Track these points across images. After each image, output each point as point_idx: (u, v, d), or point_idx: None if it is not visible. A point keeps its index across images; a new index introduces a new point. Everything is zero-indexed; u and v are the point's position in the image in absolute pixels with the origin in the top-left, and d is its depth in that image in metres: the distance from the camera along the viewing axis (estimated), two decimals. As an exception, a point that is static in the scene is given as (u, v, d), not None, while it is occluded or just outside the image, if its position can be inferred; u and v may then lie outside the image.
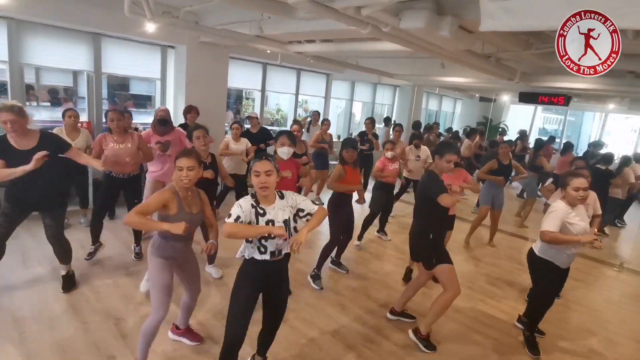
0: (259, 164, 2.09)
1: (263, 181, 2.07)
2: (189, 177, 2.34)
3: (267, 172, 2.08)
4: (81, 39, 5.37)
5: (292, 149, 3.47)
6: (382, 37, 3.80)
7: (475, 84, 8.37)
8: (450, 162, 2.94)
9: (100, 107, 5.79)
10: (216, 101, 6.60)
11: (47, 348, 2.69)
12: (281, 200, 2.20)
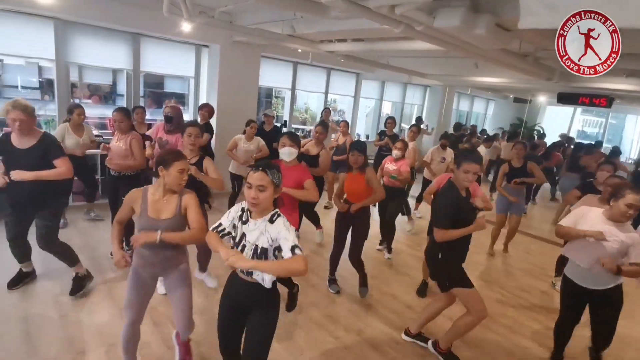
0: (253, 175, 1.79)
1: (253, 196, 1.78)
2: (187, 179, 2.27)
3: (260, 186, 1.77)
4: (122, 39, 5.61)
5: (295, 149, 3.07)
6: (415, 36, 3.75)
7: (510, 84, 8.11)
8: (468, 172, 2.58)
9: (138, 104, 6.01)
10: (247, 99, 6.72)
11: (87, 331, 2.85)
12: (269, 223, 1.83)
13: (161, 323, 3.03)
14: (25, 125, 2.80)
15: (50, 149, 2.92)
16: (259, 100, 10.20)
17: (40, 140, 2.90)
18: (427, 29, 3.43)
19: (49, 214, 3.09)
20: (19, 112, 2.75)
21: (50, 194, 3.02)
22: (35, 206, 3.04)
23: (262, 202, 1.79)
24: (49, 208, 3.08)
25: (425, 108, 11.28)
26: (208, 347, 2.79)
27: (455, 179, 2.69)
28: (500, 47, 4.09)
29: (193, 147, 3.15)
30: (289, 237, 1.76)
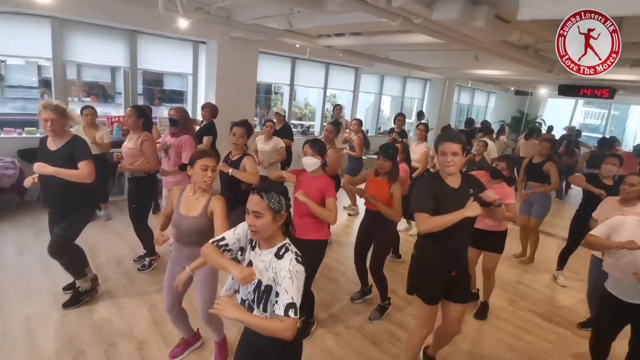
0: (250, 199, 1.58)
1: (249, 222, 1.58)
2: (212, 177, 2.28)
3: (255, 212, 1.55)
4: (119, 36, 5.57)
5: (317, 159, 2.76)
6: (414, 29, 3.71)
7: (511, 76, 8.04)
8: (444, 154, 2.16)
9: (136, 102, 5.99)
10: (246, 96, 6.69)
11: (85, 329, 2.84)
12: (276, 259, 1.57)
13: (160, 322, 3.02)
14: (56, 125, 2.77)
15: (75, 150, 2.83)
16: (259, 96, 10.17)
17: (68, 141, 2.86)
18: (426, 21, 3.39)
19: (64, 221, 2.95)
20: (50, 111, 2.74)
21: (69, 199, 2.92)
22: (56, 210, 2.98)
23: (261, 231, 1.56)
24: (67, 214, 2.96)
25: (425, 102, 11.21)
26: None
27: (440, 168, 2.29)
28: (500, 39, 4.04)
29: (236, 146, 3.27)
30: (289, 289, 1.49)
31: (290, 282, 1.49)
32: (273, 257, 1.58)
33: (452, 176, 2.21)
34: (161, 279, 3.55)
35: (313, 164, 2.76)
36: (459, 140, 2.15)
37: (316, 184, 2.76)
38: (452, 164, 2.14)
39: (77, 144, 2.87)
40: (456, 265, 2.32)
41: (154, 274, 3.74)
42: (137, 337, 2.83)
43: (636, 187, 2.95)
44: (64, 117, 2.82)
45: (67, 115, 2.85)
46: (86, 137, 4.32)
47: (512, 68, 6.92)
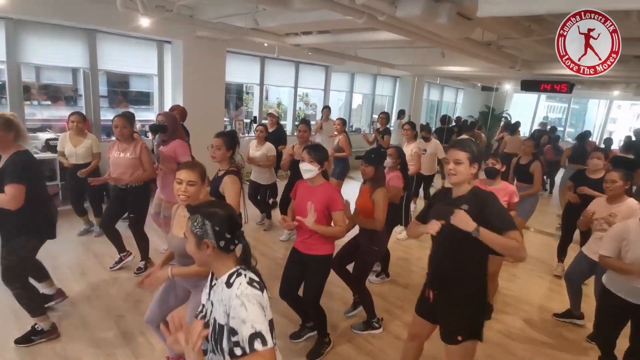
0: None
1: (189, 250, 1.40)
2: (187, 192, 2.03)
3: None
4: (76, 36, 5.33)
5: (315, 166, 2.53)
6: (379, 26, 3.73)
7: (476, 72, 8.26)
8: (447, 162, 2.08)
9: (97, 105, 5.77)
10: (215, 96, 6.56)
11: (47, 346, 2.70)
12: (226, 287, 1.35)
13: (129, 333, 2.91)
14: None
15: (5, 169, 2.41)
16: (230, 96, 10.00)
17: (7, 160, 2.44)
18: (390, 18, 3.42)
19: (5, 249, 2.60)
20: None
21: (4, 225, 2.55)
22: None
23: (193, 256, 1.38)
24: (3, 241, 2.61)
25: (396, 99, 11.36)
26: None
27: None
28: (463, 36, 4.12)
29: (213, 159, 2.86)
30: (246, 318, 1.24)
31: (243, 309, 1.25)
32: (224, 287, 1.36)
33: (458, 187, 2.00)
34: (130, 291, 3.47)
35: (309, 171, 2.54)
36: (464, 149, 1.95)
37: (318, 196, 2.52)
38: (453, 172, 1.95)
39: (9, 162, 2.42)
40: (434, 285, 2.07)
41: (123, 286, 3.59)
42: (105, 350, 2.72)
43: (618, 183, 2.97)
44: (7, 130, 2.42)
45: (13, 128, 2.44)
46: (72, 146, 4.17)
47: (477, 64, 7.10)
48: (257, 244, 4.70)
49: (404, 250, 4.87)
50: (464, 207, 1.89)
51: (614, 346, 2.66)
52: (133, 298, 3.35)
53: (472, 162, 1.95)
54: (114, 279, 3.64)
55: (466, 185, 1.98)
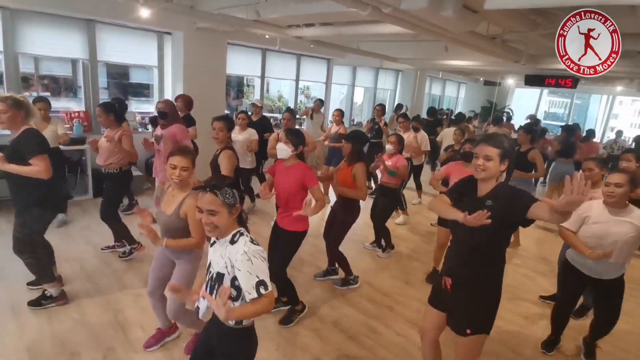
0: (202, 198, 1.56)
1: (205, 221, 1.56)
2: (180, 177, 2.23)
3: (210, 211, 1.55)
4: (75, 26, 5.26)
5: (289, 147, 2.78)
6: (383, 19, 3.66)
7: (479, 67, 8.18)
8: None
9: (97, 96, 5.70)
10: (215, 89, 6.49)
11: (46, 340, 2.68)
12: (230, 245, 1.59)
13: (128, 327, 2.89)
14: (3, 117, 2.60)
15: (23, 145, 2.64)
16: (230, 88, 9.92)
17: (17, 136, 2.68)
18: (395, 11, 3.36)
19: (17, 219, 2.81)
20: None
21: (20, 197, 2.76)
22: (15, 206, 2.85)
23: (221, 227, 1.56)
24: (20, 213, 2.80)
25: (397, 93, 11.27)
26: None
27: None
28: (468, 29, 4.07)
29: (216, 139, 3.24)
30: (252, 270, 1.50)
31: (249, 263, 1.51)
32: (228, 244, 1.60)
33: (484, 182, 1.96)
34: (130, 283, 3.46)
35: (283, 151, 2.79)
36: (495, 145, 1.89)
37: (293, 174, 2.78)
38: (482, 168, 1.91)
39: (23, 139, 2.65)
40: (450, 273, 2.05)
41: (120, 278, 3.58)
42: (103, 344, 2.70)
43: (595, 171, 3.08)
44: (17, 109, 2.64)
45: (23, 107, 2.67)
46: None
47: (480, 59, 7.02)
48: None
49: (405, 245, 4.85)
50: (489, 203, 1.87)
51: (566, 322, 2.95)
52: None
53: (502, 159, 1.90)
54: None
55: (493, 182, 1.94)
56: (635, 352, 3.12)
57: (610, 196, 2.49)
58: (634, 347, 3.18)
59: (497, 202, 1.87)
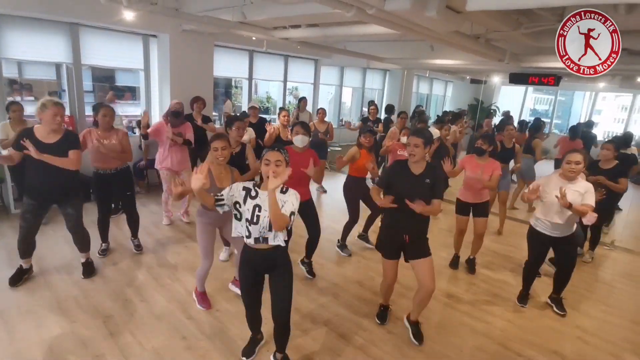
0: (271, 153, 2.17)
1: (274, 170, 2.13)
2: (223, 155, 2.85)
3: (278, 161, 2.16)
4: (58, 30, 5.18)
5: (307, 137, 3.58)
6: (368, 19, 3.69)
7: (465, 66, 8.27)
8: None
9: (82, 100, 5.62)
10: (203, 91, 6.44)
11: (34, 347, 2.64)
12: (281, 194, 2.25)
13: (118, 333, 2.87)
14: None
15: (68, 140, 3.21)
16: (219, 91, 9.87)
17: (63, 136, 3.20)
18: (379, 12, 3.38)
19: (78, 203, 3.47)
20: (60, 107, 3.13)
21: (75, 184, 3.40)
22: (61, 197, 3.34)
23: (282, 174, 2.07)
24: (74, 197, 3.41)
25: (385, 92, 11.34)
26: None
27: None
28: (452, 29, 4.12)
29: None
30: (295, 203, 2.23)
31: (295, 199, 2.25)
32: (279, 193, 2.22)
33: (417, 164, 2.78)
34: (118, 289, 3.43)
35: (304, 141, 3.54)
36: (419, 136, 2.73)
37: (307, 156, 3.53)
38: (413, 153, 2.72)
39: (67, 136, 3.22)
40: (406, 231, 2.86)
41: (108, 282, 3.55)
42: (92, 351, 2.67)
43: (582, 165, 3.18)
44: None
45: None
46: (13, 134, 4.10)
47: (466, 57, 7.11)
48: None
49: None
50: (427, 181, 2.74)
51: (534, 278, 3.71)
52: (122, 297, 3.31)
53: (425, 145, 2.71)
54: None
55: (423, 162, 2.78)
56: (621, 343, 3.21)
57: (572, 172, 3.14)
58: (620, 339, 3.28)
59: (430, 179, 2.75)
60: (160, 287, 3.51)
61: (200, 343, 2.82)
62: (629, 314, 3.69)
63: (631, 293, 4.14)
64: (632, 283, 4.37)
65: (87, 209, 4.60)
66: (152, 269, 3.83)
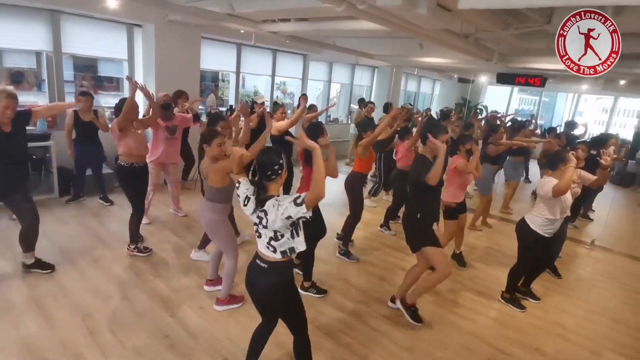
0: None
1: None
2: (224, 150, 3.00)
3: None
4: (38, 17, 4.99)
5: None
6: (359, 15, 3.65)
7: (453, 64, 8.31)
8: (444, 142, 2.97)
9: (62, 89, 5.45)
10: (189, 84, 6.31)
11: (12, 345, 2.55)
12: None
13: (97, 332, 2.79)
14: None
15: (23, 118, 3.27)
16: (205, 84, 9.70)
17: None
18: (370, 7, 3.35)
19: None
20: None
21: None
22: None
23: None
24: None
25: (374, 89, 11.34)
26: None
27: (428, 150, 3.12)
28: (442, 27, 4.12)
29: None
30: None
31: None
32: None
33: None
34: (99, 285, 3.33)
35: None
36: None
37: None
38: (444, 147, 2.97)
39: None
40: (437, 219, 3.24)
41: (90, 279, 3.45)
42: (71, 350, 2.59)
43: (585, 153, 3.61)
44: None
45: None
46: None
47: (454, 56, 7.14)
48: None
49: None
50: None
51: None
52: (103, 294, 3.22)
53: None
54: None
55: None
56: (601, 341, 3.28)
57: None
58: (600, 337, 3.35)
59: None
60: (143, 284, 3.43)
61: (184, 342, 2.76)
62: (609, 312, 3.77)
63: (611, 292, 4.24)
64: (612, 282, 4.48)
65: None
66: (134, 265, 3.74)
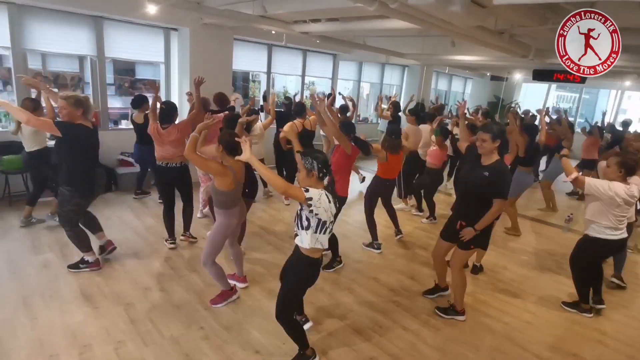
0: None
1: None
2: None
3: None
4: (83, 23, 5.29)
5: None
6: (390, 14, 3.65)
7: (486, 62, 8.12)
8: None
9: (105, 93, 5.74)
10: (221, 84, 6.48)
11: (58, 333, 2.73)
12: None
13: (138, 320, 2.94)
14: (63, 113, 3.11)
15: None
16: (236, 84, 9.92)
17: None
18: (402, 6, 3.34)
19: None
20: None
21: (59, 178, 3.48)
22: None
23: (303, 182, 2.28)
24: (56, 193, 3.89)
25: (404, 88, 11.22)
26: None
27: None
28: (476, 24, 4.04)
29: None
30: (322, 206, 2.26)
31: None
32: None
33: (485, 157, 2.89)
34: (137, 277, 3.51)
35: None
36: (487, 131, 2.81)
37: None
38: (481, 146, 2.84)
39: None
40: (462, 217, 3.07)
41: (130, 271, 3.63)
42: (114, 337, 2.75)
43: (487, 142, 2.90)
44: (75, 107, 3.09)
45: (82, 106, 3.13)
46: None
47: (487, 53, 6.97)
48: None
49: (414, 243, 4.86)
50: (486, 174, 2.82)
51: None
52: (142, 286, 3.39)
53: (493, 140, 2.77)
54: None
55: (492, 157, 2.83)
56: (639, 346, 3.13)
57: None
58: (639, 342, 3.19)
59: (491, 175, 2.80)
60: (179, 278, 3.57)
61: (218, 334, 2.86)
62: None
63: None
64: (657, 288, 4.24)
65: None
66: (170, 260, 3.90)
